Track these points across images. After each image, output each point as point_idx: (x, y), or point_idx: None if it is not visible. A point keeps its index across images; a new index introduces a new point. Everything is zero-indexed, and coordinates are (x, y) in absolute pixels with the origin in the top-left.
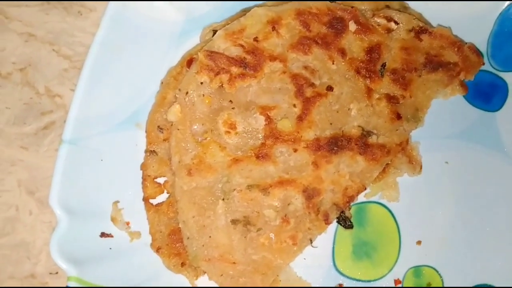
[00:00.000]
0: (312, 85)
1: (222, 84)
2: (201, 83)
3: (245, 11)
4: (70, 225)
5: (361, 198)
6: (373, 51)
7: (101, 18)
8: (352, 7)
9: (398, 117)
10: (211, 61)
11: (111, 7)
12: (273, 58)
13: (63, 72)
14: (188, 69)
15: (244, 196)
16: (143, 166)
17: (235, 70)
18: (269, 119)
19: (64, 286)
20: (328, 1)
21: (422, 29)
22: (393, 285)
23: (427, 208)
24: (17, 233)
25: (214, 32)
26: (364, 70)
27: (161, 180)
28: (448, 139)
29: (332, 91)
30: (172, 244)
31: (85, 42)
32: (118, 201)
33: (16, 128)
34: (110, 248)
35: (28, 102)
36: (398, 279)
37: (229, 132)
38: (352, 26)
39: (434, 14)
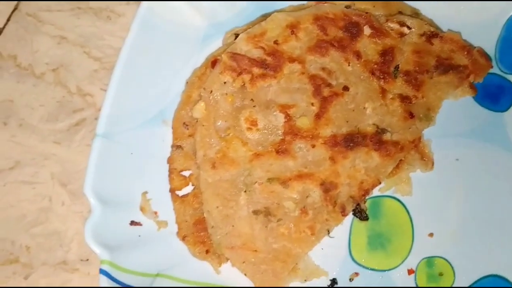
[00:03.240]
0: (329, 85)
1: (244, 84)
2: (224, 82)
3: (265, 17)
4: (103, 213)
5: (375, 192)
6: (386, 54)
7: (131, 23)
8: (366, 12)
9: (411, 116)
10: (234, 62)
11: (141, 13)
12: (292, 60)
13: (93, 72)
14: (212, 69)
15: (265, 189)
16: (170, 160)
17: (256, 70)
18: (288, 117)
19: (94, 271)
20: (344, 8)
21: (433, 34)
22: (407, 275)
23: (439, 202)
24: (50, 223)
25: (236, 35)
26: (378, 71)
27: (186, 173)
28: (459, 138)
29: (348, 91)
30: (197, 233)
31: (114, 45)
32: (146, 192)
33: (50, 125)
34: (139, 236)
35: (60, 100)
36: (411, 269)
37: (250, 129)
38: (367, 31)
39: (444, 20)
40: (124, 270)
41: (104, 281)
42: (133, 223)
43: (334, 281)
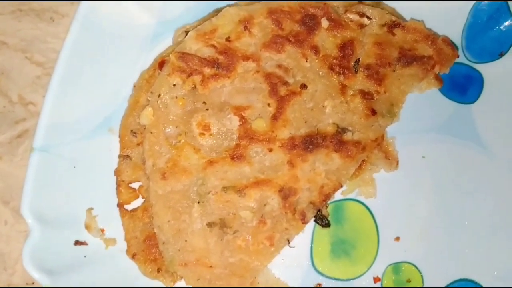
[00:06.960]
0: (286, 83)
1: (195, 86)
2: (174, 85)
3: (217, 12)
4: (43, 234)
5: (338, 195)
6: (346, 47)
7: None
8: (324, 3)
9: (373, 113)
10: (183, 62)
11: (81, 12)
12: (246, 58)
13: (36, 79)
14: (160, 71)
15: (220, 198)
16: (117, 172)
17: (207, 71)
18: (243, 120)
19: None
20: None
21: (395, 24)
22: (372, 283)
23: (405, 204)
24: None
25: (187, 33)
26: (338, 66)
27: (135, 185)
28: (425, 133)
29: (306, 89)
30: (148, 250)
31: (57, 48)
32: (92, 208)
33: None
34: (85, 256)
35: (1, 111)
36: (377, 276)
37: (203, 134)
38: (325, 23)
39: (407, 8)
40: None
41: None
42: (77, 243)
43: None
